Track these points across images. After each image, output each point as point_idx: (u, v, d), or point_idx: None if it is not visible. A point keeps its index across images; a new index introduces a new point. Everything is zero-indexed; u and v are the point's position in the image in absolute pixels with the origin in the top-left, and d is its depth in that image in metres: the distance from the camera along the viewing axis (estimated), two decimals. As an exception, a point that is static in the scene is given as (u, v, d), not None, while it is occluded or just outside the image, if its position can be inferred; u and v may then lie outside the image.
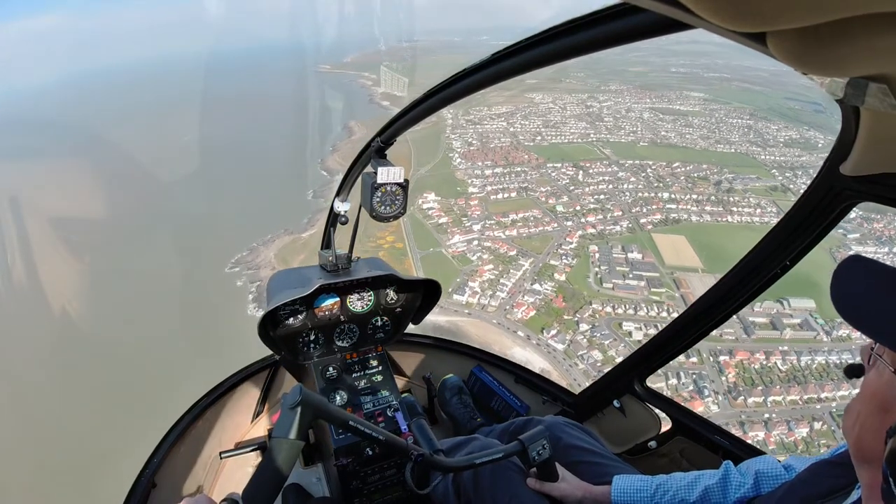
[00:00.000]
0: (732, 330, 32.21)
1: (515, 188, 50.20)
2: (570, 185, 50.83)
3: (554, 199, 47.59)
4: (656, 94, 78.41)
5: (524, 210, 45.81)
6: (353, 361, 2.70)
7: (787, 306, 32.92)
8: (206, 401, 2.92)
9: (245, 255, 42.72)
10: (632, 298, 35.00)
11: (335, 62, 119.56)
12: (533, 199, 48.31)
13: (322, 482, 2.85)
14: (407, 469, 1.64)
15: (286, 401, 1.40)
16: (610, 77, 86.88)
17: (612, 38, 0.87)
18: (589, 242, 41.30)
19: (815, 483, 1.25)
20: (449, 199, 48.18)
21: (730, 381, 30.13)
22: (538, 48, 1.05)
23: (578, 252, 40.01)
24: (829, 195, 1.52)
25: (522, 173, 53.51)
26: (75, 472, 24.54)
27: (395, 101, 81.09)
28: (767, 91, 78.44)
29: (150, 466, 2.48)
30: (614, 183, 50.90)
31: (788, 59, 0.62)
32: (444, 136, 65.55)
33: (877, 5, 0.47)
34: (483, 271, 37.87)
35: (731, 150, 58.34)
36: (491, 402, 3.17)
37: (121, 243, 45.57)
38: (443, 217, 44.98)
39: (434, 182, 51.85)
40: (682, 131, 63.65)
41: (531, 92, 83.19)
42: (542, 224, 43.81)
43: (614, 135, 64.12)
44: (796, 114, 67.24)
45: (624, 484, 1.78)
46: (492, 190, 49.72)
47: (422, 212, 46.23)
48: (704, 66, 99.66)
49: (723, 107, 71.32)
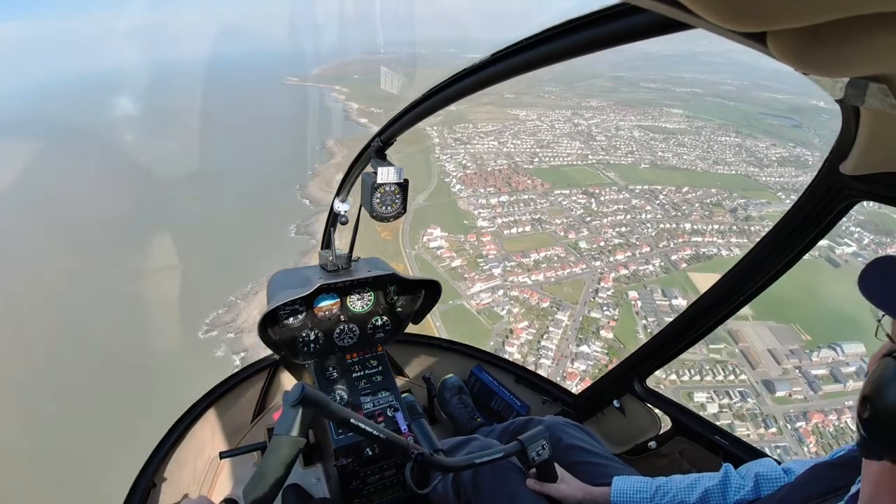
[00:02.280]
0: (800, 388, 30.39)
1: (528, 220, 45.70)
2: (585, 215, 46.88)
3: (574, 234, 43.32)
4: (638, 110, 77.85)
5: (544, 248, 41.27)
6: (353, 361, 2.65)
7: (840, 353, 31.24)
8: (206, 401, 2.88)
9: (222, 315, 34.65)
10: (692, 360, 30.75)
11: (302, 74, 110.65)
12: (550, 233, 43.88)
13: (322, 482, 2.80)
14: (407, 469, 1.62)
15: (288, 398, 1.37)
16: (583, 91, 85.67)
17: (612, 38, 0.86)
18: (626, 287, 36.99)
19: (815, 484, 1.25)
20: (457, 235, 42.72)
21: (812, 452, 27.55)
22: (538, 48, 1.03)
23: (618, 300, 35.54)
24: (829, 194, 1.52)
25: (531, 202, 49.46)
26: (75, 472, 24.12)
27: (373, 118, 74.60)
28: (741, 105, 79.62)
29: (150, 466, 2.47)
30: (630, 212, 47.98)
31: (788, 59, 0.61)
32: (433, 157, 60.72)
33: (877, 5, 0.47)
34: (519, 331, 32.47)
35: (731, 172, 57.55)
36: (491, 402, 3.15)
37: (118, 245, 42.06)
38: (455, 259, 39.31)
39: (436, 214, 46.20)
40: (677, 151, 62.74)
41: (513, 108, 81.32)
42: (569, 265, 39.35)
43: (612, 155, 63.17)
44: (776, 129, 68.07)
45: (623, 485, 1.76)
46: (503, 224, 44.86)
47: (430, 252, 40.36)
48: (674, 81, 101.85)
49: (706, 124, 71.27)
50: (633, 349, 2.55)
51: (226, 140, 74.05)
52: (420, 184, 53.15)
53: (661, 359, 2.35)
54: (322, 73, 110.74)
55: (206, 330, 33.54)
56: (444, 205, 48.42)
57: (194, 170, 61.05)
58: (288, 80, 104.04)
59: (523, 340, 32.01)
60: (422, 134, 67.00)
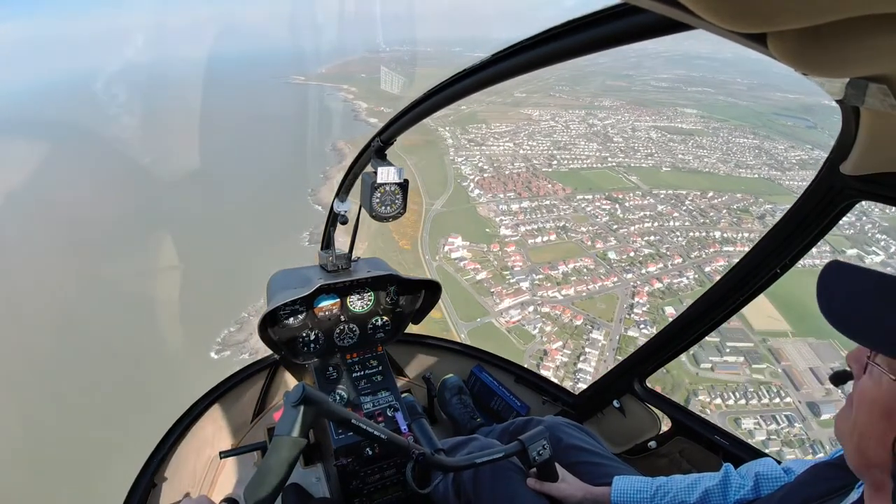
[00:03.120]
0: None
1: (552, 227, 43.83)
2: (611, 222, 45.01)
3: (601, 243, 41.37)
4: (652, 110, 76.56)
5: (572, 258, 39.46)
6: (354, 361, 2.62)
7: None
8: (206, 401, 2.85)
9: (234, 333, 32.80)
10: (736, 381, 29.16)
11: (309, 73, 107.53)
12: (576, 242, 42.04)
13: (322, 482, 2.77)
14: (407, 469, 1.61)
15: (289, 398, 1.37)
16: (595, 91, 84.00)
17: (612, 38, 0.86)
18: (661, 302, 35.17)
19: (815, 484, 1.23)
20: (480, 245, 40.80)
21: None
22: (539, 48, 1.03)
23: (654, 316, 33.69)
24: (829, 194, 1.50)
25: (553, 208, 47.38)
26: (75, 472, 23.78)
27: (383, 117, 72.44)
28: (752, 106, 78.66)
29: (150, 466, 2.44)
30: (657, 219, 46.13)
31: (788, 60, 0.61)
32: (447, 160, 58.85)
33: (877, 5, 0.47)
34: (553, 352, 30.71)
35: (753, 176, 56.11)
36: (491, 402, 3.12)
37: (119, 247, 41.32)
38: (480, 271, 37.41)
39: (456, 221, 44.33)
40: (697, 153, 61.35)
41: (526, 107, 79.67)
42: (599, 277, 37.58)
43: (631, 158, 61.64)
44: (791, 130, 66.97)
45: (624, 485, 1.74)
46: (527, 232, 42.91)
47: (452, 263, 38.45)
48: (684, 80, 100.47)
49: (722, 125, 70.06)
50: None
51: (230, 142, 70.66)
52: (436, 188, 51.19)
53: (661, 359, 2.35)
54: (328, 71, 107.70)
55: (218, 349, 31.83)
56: (464, 211, 46.56)
57: (196, 173, 58.09)
58: (294, 78, 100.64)
59: (559, 362, 30.15)
60: (435, 134, 65.07)
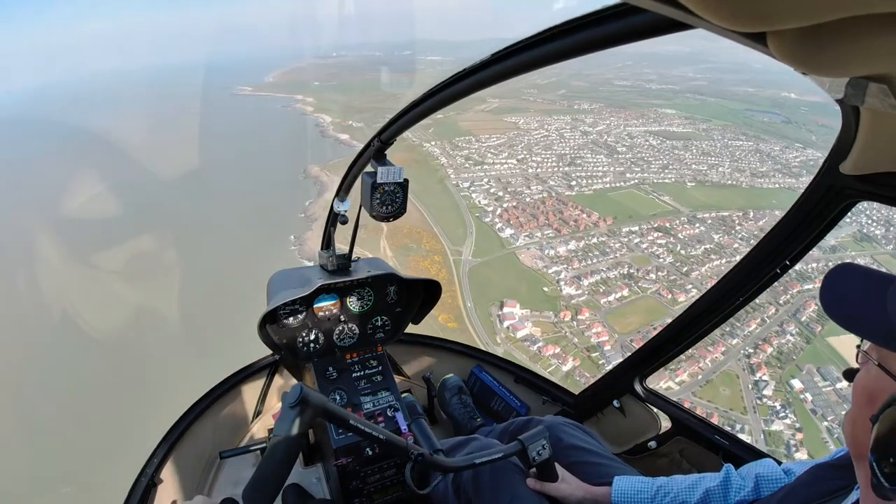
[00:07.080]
0: None
1: (617, 277, 35.72)
2: (676, 262, 37.79)
3: (682, 295, 33.97)
4: (632, 112, 73.92)
5: (659, 320, 31.28)
6: (353, 361, 2.61)
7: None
8: (206, 401, 2.84)
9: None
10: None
11: (256, 83, 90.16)
12: (653, 295, 34.15)
13: (322, 482, 2.77)
14: (407, 469, 1.60)
15: (286, 399, 1.36)
16: (565, 93, 78.88)
17: (612, 38, 0.86)
18: (782, 373, 28.38)
19: (815, 485, 1.22)
20: (545, 314, 31.56)
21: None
22: (538, 48, 1.03)
23: (784, 395, 26.77)
24: (828, 194, 1.49)
25: (604, 248, 39.09)
26: (75, 472, 23.57)
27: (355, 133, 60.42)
28: (720, 101, 77.27)
29: (150, 466, 2.43)
30: (721, 253, 40.02)
31: (788, 59, 0.61)
32: (449, 184, 49.13)
33: (877, 5, 0.46)
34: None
35: (775, 186, 52.61)
36: (491, 402, 3.10)
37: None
38: (563, 357, 28.44)
39: (498, 276, 34.69)
40: (707, 161, 57.66)
41: (509, 115, 72.44)
42: (705, 349, 29.71)
43: (647, 171, 56.36)
44: (769, 127, 66.24)
45: (624, 485, 1.73)
46: (592, 287, 34.16)
47: (522, 347, 29.08)
48: (644, 78, 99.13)
49: (707, 125, 68.56)
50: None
51: (179, 176, 55.18)
52: (452, 227, 40.96)
53: (661, 359, 2.33)
54: (276, 80, 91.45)
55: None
56: (502, 261, 37.26)
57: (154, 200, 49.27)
58: (240, 89, 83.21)
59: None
60: (421, 151, 54.70)
